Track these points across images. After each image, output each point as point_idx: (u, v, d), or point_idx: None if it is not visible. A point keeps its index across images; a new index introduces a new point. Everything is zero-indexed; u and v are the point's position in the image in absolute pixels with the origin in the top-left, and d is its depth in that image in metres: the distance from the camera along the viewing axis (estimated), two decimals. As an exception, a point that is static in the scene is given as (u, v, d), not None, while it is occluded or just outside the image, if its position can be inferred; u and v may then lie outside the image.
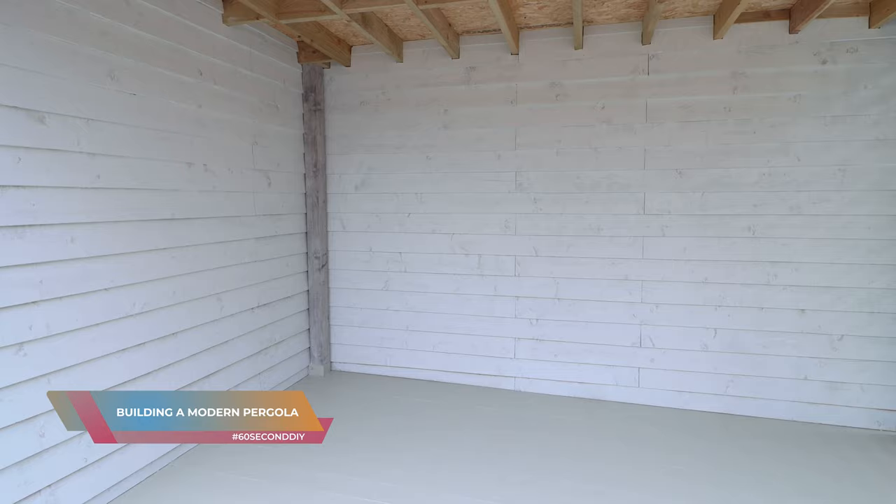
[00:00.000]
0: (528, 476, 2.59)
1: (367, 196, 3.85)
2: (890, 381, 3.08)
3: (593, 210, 3.45)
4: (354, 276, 3.94)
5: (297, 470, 2.65)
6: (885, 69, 2.98)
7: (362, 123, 3.82)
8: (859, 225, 3.08)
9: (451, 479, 2.58)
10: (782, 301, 3.20)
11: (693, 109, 3.24)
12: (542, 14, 3.20)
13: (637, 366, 3.46)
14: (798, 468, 2.69)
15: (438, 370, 3.82)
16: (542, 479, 2.57)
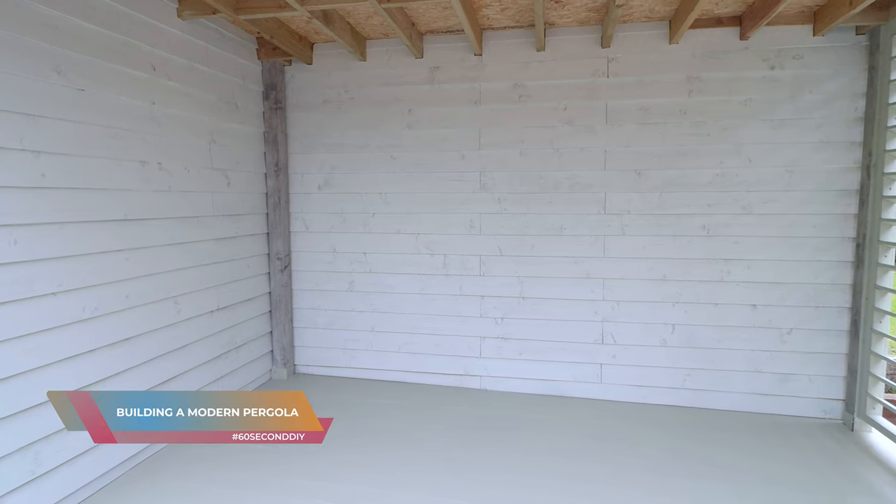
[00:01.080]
0: (501, 476, 2.60)
1: (331, 196, 3.80)
2: (835, 371, 3.25)
3: (556, 210, 3.51)
4: (318, 278, 3.88)
5: (265, 477, 2.59)
6: (828, 75, 3.13)
7: (325, 122, 3.77)
8: (806, 224, 3.23)
9: (426, 480, 2.57)
10: (735, 297, 3.33)
11: (651, 111, 3.33)
12: (505, 16, 3.23)
13: (599, 362, 3.53)
14: (753, 457, 2.80)
15: (404, 371, 3.81)
16: (514, 477, 2.59)
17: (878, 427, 2.98)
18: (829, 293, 3.23)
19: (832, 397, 3.26)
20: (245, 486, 2.51)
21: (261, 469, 2.64)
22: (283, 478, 2.58)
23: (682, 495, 2.44)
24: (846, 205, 3.16)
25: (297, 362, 3.98)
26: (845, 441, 2.99)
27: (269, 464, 2.69)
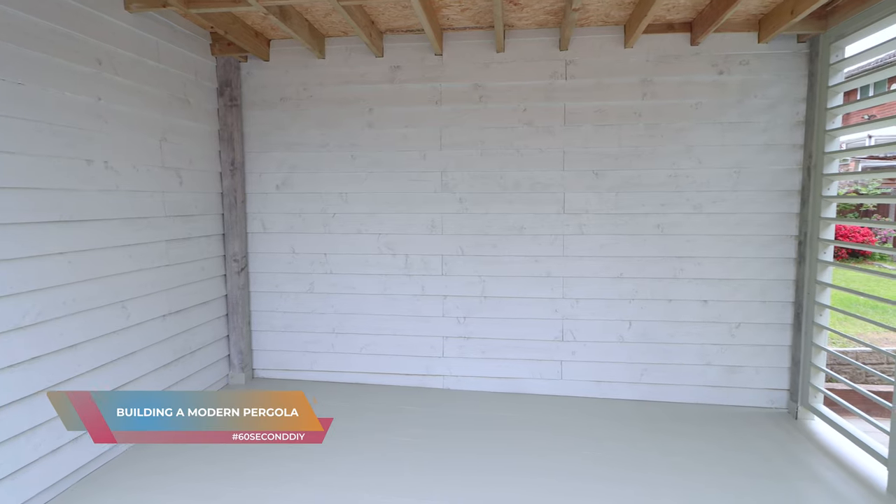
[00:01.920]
0: (464, 475, 2.62)
1: (290, 196, 3.72)
2: (780, 363, 3.41)
3: (517, 209, 3.55)
4: (277, 279, 3.79)
5: (225, 486, 2.51)
6: (772, 80, 3.28)
7: (283, 120, 3.69)
8: (752, 222, 3.38)
9: (389, 482, 2.56)
10: (688, 293, 3.45)
11: (607, 113, 3.42)
12: (465, 16, 3.24)
13: (560, 359, 3.60)
14: (704, 446, 2.92)
15: (367, 372, 3.77)
16: (478, 476, 2.60)
17: (819, 415, 3.15)
18: (774, 288, 3.39)
19: (777, 388, 3.43)
20: (208, 491, 2.43)
21: (221, 475, 2.57)
22: (238, 487, 2.51)
23: (637, 485, 2.52)
24: (789, 204, 3.33)
25: (255, 366, 3.88)
26: (790, 429, 3.15)
27: (228, 470, 2.62)
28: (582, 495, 2.44)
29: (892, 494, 2.44)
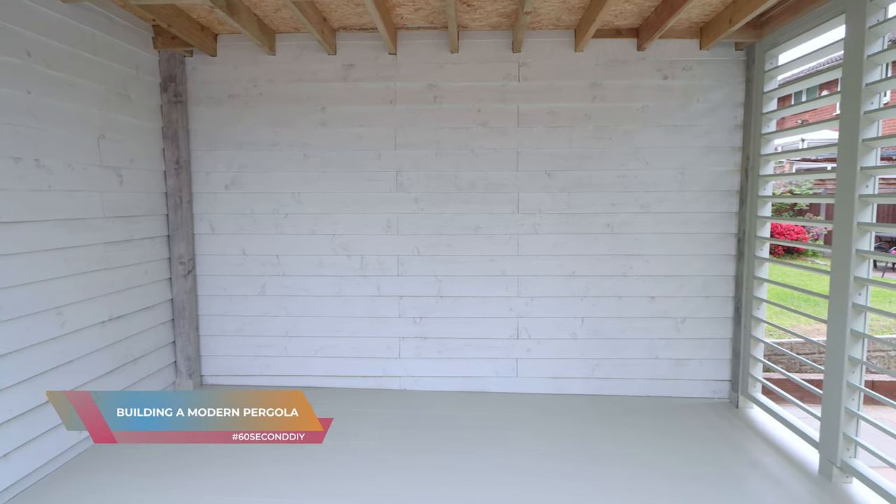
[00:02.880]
0: (422, 475, 2.61)
1: (239, 196, 3.61)
2: (722, 355, 3.58)
3: (472, 209, 3.57)
4: (226, 282, 3.67)
5: (174, 497, 2.41)
6: (713, 86, 3.44)
7: (232, 118, 3.57)
8: (696, 221, 3.53)
9: (346, 486, 2.52)
10: (636, 290, 3.57)
11: (559, 115, 3.49)
12: (419, 16, 3.23)
13: (515, 357, 3.65)
14: (652, 436, 3.04)
15: (322, 375, 3.71)
16: (436, 476, 2.60)
17: (758, 403, 3.33)
18: (716, 284, 3.55)
19: (720, 378, 3.60)
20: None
21: (185, 479, 2.46)
22: (196, 496, 2.42)
23: (595, 478, 2.58)
24: (729, 203, 3.49)
25: (204, 373, 3.74)
26: (731, 417, 3.31)
27: (173, 487, 2.51)
28: (543, 490, 2.48)
29: (823, 476, 2.60)
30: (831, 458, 2.56)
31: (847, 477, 2.53)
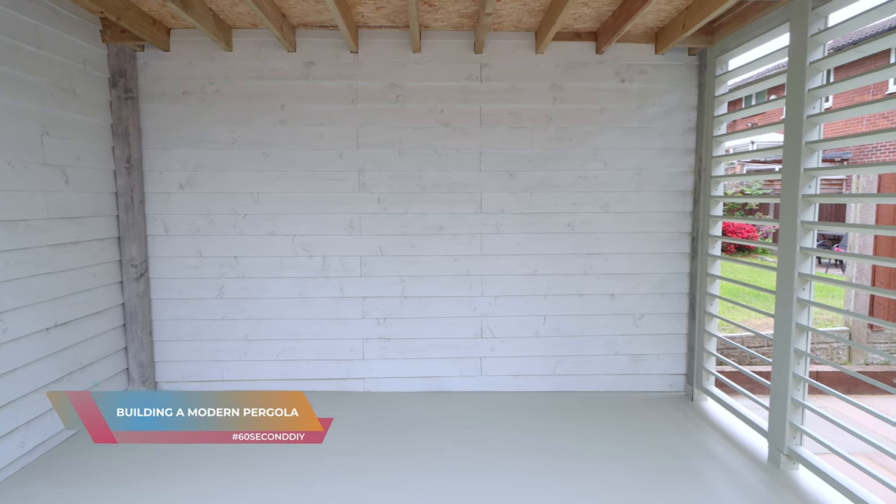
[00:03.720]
0: (386, 478, 2.59)
1: (195, 196, 3.49)
2: (677, 350, 3.70)
3: (435, 209, 3.57)
4: (182, 285, 3.55)
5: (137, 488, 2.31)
6: (667, 89, 3.55)
7: (187, 115, 3.45)
8: (653, 220, 3.63)
9: (306, 492, 2.47)
10: (597, 288, 3.65)
11: (521, 116, 3.53)
12: (380, 15, 3.20)
13: (479, 356, 3.67)
14: (612, 429, 3.12)
15: (284, 379, 3.63)
16: (399, 477, 2.58)
17: (711, 396, 3.46)
18: (671, 281, 3.67)
19: (676, 372, 3.72)
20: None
21: (133, 482, 2.36)
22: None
23: (559, 473, 2.62)
24: (683, 203, 3.61)
25: (158, 379, 3.60)
26: (686, 409, 3.43)
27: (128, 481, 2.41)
28: (512, 487, 2.50)
29: (772, 464, 2.72)
30: (779, 446, 2.68)
31: (794, 464, 2.65)
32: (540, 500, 2.40)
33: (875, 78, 2.19)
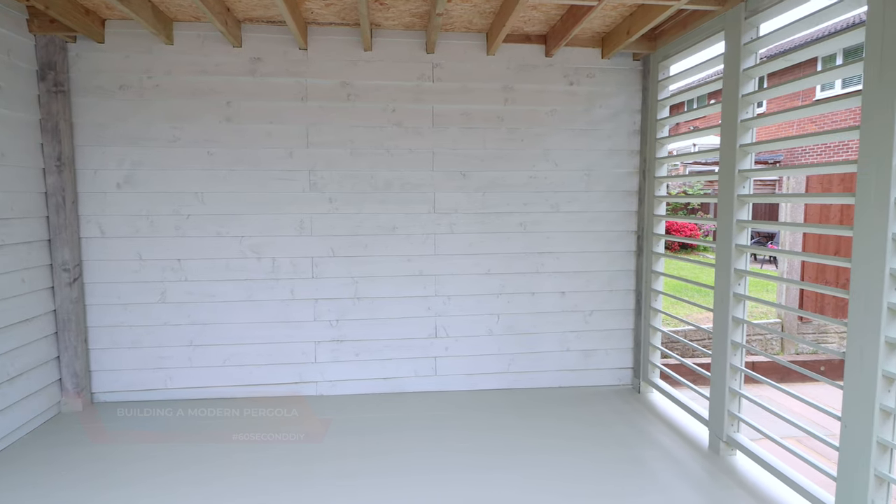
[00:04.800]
0: (338, 482, 2.54)
1: (134, 196, 3.33)
2: (625, 345, 3.83)
3: (388, 209, 3.54)
4: (120, 290, 3.37)
5: None
6: (614, 92, 3.66)
7: (124, 111, 3.28)
8: (601, 219, 3.74)
9: (266, 500, 2.39)
10: (548, 286, 3.73)
11: (472, 117, 3.55)
12: (330, 12, 3.15)
13: (434, 356, 3.68)
14: (564, 423, 3.19)
15: (232, 385, 3.51)
16: (350, 481, 2.54)
17: (657, 388, 3.60)
18: (619, 278, 3.79)
19: (623, 367, 3.85)
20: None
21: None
22: None
23: (511, 469, 2.65)
24: (629, 203, 3.74)
25: (95, 389, 3.40)
26: (633, 401, 3.56)
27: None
28: (469, 485, 2.51)
29: (712, 451, 2.86)
30: (718, 434, 2.82)
31: (732, 450, 2.80)
32: (497, 496, 2.42)
33: (803, 84, 2.33)
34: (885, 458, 1.92)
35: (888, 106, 1.82)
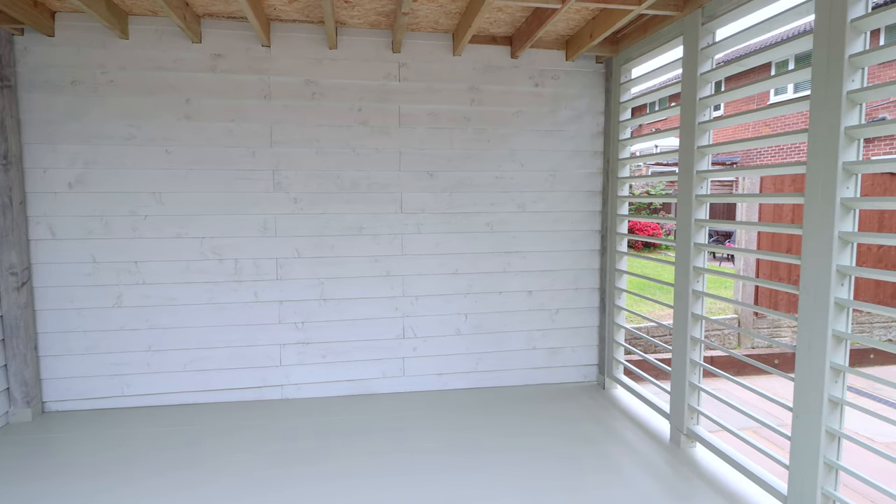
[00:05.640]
0: (305, 487, 2.50)
1: (87, 196, 3.19)
2: (590, 342, 3.91)
3: (355, 209, 3.51)
4: (73, 294, 3.23)
5: None
6: (578, 94, 3.73)
7: (76, 107, 3.15)
8: (566, 219, 3.80)
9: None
10: (515, 285, 3.77)
11: (439, 117, 3.55)
12: (293, 8, 3.10)
13: (402, 356, 3.66)
14: (531, 421, 3.22)
15: (193, 391, 3.41)
16: (319, 486, 2.50)
17: (620, 384, 3.68)
18: (584, 277, 3.86)
19: (589, 363, 3.92)
20: None
21: None
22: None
23: (480, 468, 2.66)
24: (593, 203, 3.81)
25: (46, 398, 3.25)
26: (598, 397, 3.63)
27: None
28: (439, 485, 2.51)
29: (673, 443, 2.94)
30: (679, 427, 2.91)
31: (692, 442, 2.89)
32: (466, 496, 2.43)
33: (757, 89, 2.42)
34: (833, 446, 2.01)
35: (834, 110, 1.91)
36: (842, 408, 1.99)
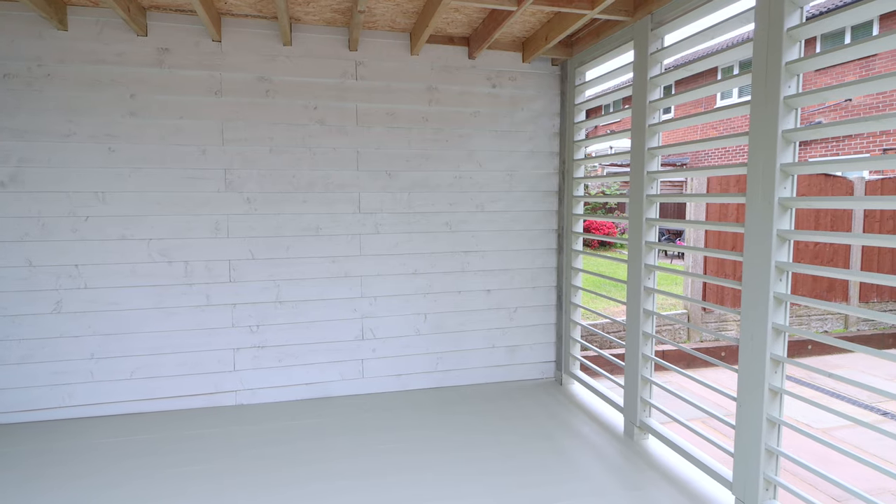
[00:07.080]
0: (263, 496, 2.43)
1: (22, 196, 3.01)
2: (548, 339, 3.98)
3: (312, 210, 3.45)
4: (7, 300, 3.03)
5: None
6: (534, 96, 3.78)
7: (8, 102, 2.96)
8: (523, 219, 3.85)
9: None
10: (474, 284, 3.79)
11: (397, 116, 3.53)
12: (245, 3, 3.01)
13: (361, 358, 3.62)
14: (490, 419, 3.25)
15: (141, 399, 3.27)
16: (274, 495, 2.44)
17: (577, 379, 3.76)
18: (541, 275, 3.93)
19: (547, 360, 3.99)
20: None
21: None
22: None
23: (438, 468, 2.67)
24: (550, 202, 3.88)
25: (-22, 412, 3.05)
26: (556, 394, 3.70)
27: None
28: (403, 486, 2.49)
29: (627, 436, 3.03)
30: (632, 420, 3.00)
31: (645, 434, 2.98)
32: (426, 495, 2.42)
33: (704, 93, 2.52)
34: (773, 433, 2.12)
35: (772, 114, 2.01)
36: (781, 396, 2.10)
